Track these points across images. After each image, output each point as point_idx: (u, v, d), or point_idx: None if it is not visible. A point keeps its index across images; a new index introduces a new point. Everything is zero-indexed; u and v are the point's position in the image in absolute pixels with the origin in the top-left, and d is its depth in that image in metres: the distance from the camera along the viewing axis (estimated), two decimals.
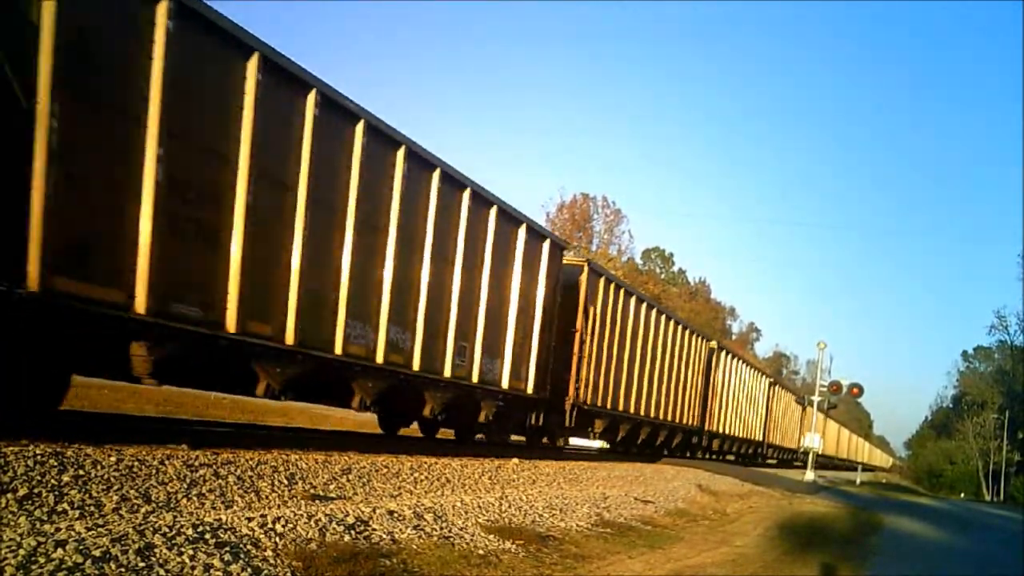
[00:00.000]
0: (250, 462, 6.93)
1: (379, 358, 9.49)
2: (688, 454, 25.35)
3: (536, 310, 13.54)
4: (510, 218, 12.64)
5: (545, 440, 16.49)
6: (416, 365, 10.19)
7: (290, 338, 8.16)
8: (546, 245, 13.77)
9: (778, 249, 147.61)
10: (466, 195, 11.23)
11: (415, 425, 13.93)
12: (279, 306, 8.10)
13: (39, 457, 5.32)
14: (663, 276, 73.81)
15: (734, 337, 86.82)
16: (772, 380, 35.70)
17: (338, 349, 8.89)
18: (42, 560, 3.79)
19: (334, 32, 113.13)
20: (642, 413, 19.29)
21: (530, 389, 13.46)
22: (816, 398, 31.25)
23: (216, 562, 4.37)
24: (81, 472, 5.32)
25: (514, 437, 15.55)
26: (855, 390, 31.27)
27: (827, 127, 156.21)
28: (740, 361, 29.27)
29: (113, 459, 5.74)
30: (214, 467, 6.42)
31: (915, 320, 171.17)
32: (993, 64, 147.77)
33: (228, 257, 7.42)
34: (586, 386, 15.75)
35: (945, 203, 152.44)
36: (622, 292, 17.58)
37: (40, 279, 5.88)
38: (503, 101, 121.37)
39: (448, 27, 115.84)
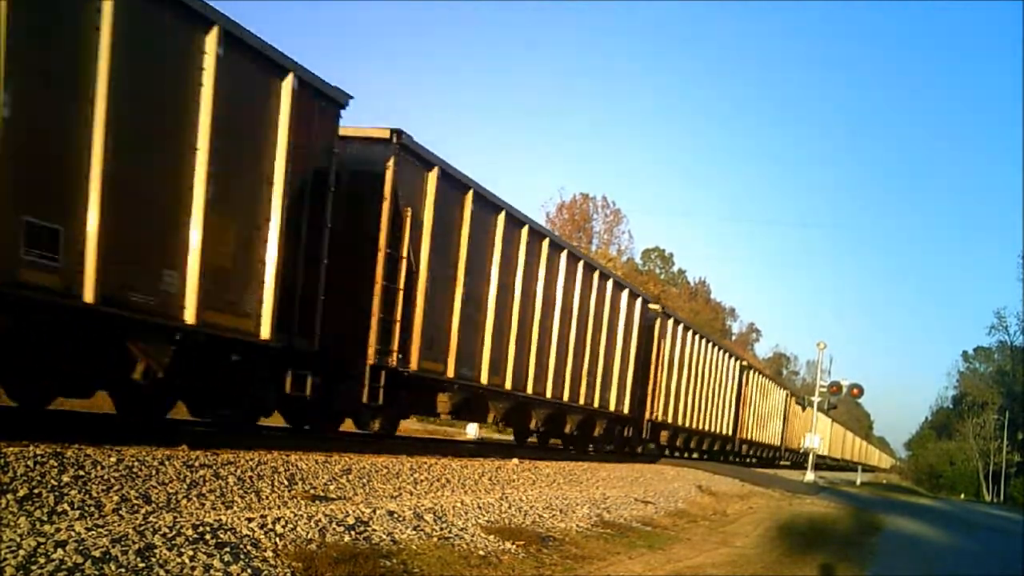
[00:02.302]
0: (250, 463, 6.92)
1: None
2: (627, 449, 20.04)
3: (273, 193, 8.03)
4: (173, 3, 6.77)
5: (367, 428, 10.85)
6: None
7: None
8: (287, 85, 7.95)
9: (778, 249, 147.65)
10: None
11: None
12: None
13: (39, 457, 5.32)
14: (663, 276, 73.74)
15: (734, 338, 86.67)
16: (745, 363, 30.01)
17: None
18: (42, 560, 3.79)
19: (334, 31, 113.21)
20: (531, 391, 13.29)
21: (265, 332, 7.96)
22: (816, 398, 31.30)
23: (216, 563, 4.37)
24: (81, 472, 5.32)
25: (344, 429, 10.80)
26: (855, 391, 31.36)
27: (827, 127, 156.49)
28: (698, 335, 23.38)
29: (113, 459, 5.74)
30: (214, 468, 6.42)
31: (915, 320, 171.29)
32: (993, 63, 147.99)
33: None
34: (407, 338, 9.93)
35: (945, 203, 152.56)
36: (470, 198, 11.02)
37: None
38: (503, 100, 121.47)
39: (448, 26, 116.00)
